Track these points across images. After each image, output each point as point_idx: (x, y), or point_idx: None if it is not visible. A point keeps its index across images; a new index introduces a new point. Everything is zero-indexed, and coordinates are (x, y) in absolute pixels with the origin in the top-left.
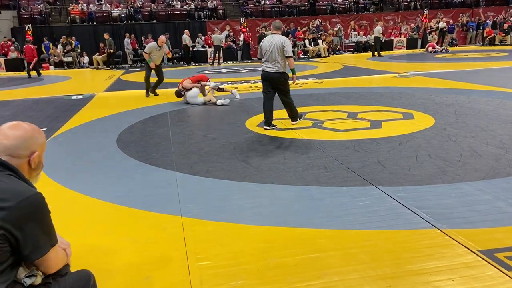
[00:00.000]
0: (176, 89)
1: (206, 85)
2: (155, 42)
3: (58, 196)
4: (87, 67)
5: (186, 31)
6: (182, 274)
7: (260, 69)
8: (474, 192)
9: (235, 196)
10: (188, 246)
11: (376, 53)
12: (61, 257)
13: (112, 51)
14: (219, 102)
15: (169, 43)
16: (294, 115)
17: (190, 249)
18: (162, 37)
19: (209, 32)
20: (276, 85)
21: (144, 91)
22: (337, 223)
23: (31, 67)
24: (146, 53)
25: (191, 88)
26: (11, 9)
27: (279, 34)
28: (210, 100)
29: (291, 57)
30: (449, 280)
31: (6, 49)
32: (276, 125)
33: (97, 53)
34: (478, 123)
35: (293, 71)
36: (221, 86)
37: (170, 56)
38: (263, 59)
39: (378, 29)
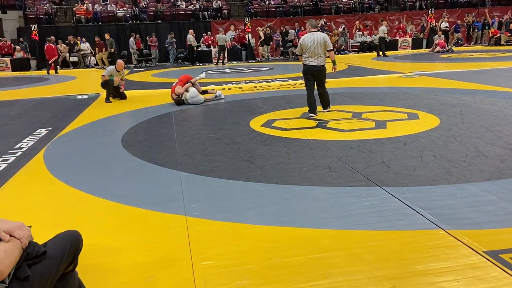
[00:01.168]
0: (173, 98)
1: (196, 81)
2: (114, 66)
3: (63, 195)
4: (92, 67)
5: (191, 31)
6: (186, 274)
7: (265, 69)
8: (480, 193)
9: (239, 196)
10: (192, 245)
11: (381, 53)
12: (3, 254)
13: (112, 50)
14: (217, 93)
15: (174, 43)
16: (327, 104)
17: (194, 248)
18: (120, 62)
19: (209, 33)
20: (317, 76)
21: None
22: (342, 223)
23: (51, 63)
24: (105, 76)
25: (184, 92)
26: (17, 9)
27: (316, 31)
28: (213, 97)
29: (332, 50)
30: (454, 281)
31: (6, 49)
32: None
33: (96, 49)
34: (484, 123)
35: (334, 62)
36: (204, 89)
37: (123, 87)
38: (304, 55)
39: (383, 29)
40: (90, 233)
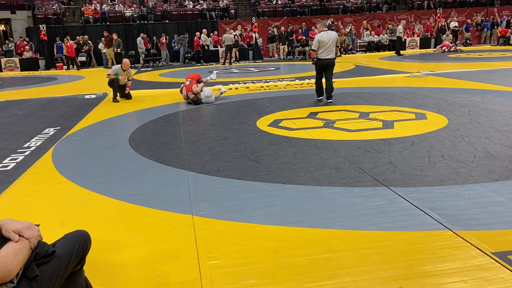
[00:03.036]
0: (185, 97)
1: (207, 81)
2: (120, 65)
3: (71, 194)
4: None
5: (204, 30)
6: (193, 273)
7: (272, 69)
8: (488, 194)
9: (246, 196)
10: (199, 245)
11: (401, 51)
12: (12, 254)
13: (119, 50)
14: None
15: (186, 43)
16: (332, 93)
17: (201, 248)
18: (126, 61)
19: (216, 32)
20: (329, 68)
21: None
22: (349, 224)
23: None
24: (111, 75)
25: (200, 90)
26: (26, 9)
27: (328, 30)
28: (219, 95)
29: (338, 46)
30: (462, 282)
31: (22, 49)
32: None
33: (103, 44)
34: (492, 123)
35: (336, 56)
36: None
37: (129, 88)
38: (320, 50)
39: (400, 28)
40: (97, 232)
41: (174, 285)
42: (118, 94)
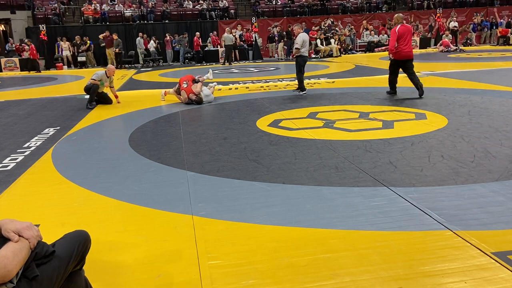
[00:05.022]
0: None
1: (204, 80)
2: (104, 71)
3: (71, 194)
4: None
5: (227, 29)
6: (193, 273)
7: (272, 69)
8: (488, 194)
9: (246, 196)
10: (199, 245)
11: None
12: (11, 254)
13: (117, 50)
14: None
15: (185, 43)
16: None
17: (201, 248)
18: (112, 67)
19: (215, 32)
20: (305, 64)
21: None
22: (349, 224)
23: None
24: (95, 80)
25: (200, 90)
26: (26, 9)
27: (303, 32)
28: (213, 90)
29: None
30: (462, 282)
31: (23, 51)
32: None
33: (102, 40)
34: (492, 123)
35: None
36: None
37: (115, 94)
38: (303, 49)
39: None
40: (97, 232)
41: (174, 285)
42: (95, 99)
